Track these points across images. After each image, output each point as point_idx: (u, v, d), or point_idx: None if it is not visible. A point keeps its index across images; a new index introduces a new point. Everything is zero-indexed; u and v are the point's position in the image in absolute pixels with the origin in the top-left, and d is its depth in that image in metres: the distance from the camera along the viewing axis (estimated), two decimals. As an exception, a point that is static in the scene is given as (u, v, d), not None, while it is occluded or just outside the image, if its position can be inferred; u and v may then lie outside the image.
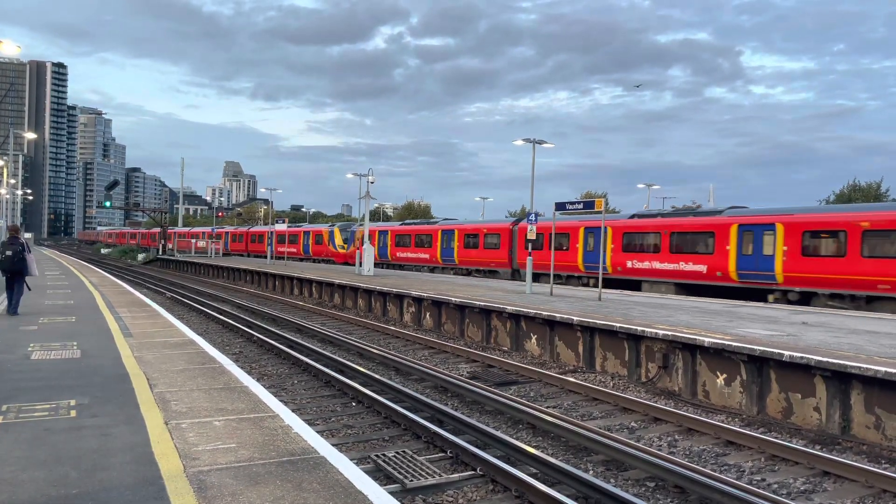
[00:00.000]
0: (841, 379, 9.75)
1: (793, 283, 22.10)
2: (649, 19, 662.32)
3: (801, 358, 10.09)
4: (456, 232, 38.17)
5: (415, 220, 51.17)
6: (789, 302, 21.83)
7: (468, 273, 37.04)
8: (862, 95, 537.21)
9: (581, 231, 29.46)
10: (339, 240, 50.54)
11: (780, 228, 22.34)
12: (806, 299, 21.64)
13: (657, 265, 26.32)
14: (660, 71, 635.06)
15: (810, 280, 21.62)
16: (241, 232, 72.37)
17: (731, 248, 23.48)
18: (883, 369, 9.12)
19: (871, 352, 10.60)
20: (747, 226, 23.22)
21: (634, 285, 27.02)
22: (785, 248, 22.12)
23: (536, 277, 24.20)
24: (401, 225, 46.08)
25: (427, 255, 40.50)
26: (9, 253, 14.85)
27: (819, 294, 21.42)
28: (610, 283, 26.49)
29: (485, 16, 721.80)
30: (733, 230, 23.61)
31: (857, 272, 20.20)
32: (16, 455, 5.46)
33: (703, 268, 24.44)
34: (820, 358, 9.91)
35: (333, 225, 53.40)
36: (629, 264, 27.53)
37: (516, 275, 33.17)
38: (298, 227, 59.37)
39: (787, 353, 10.34)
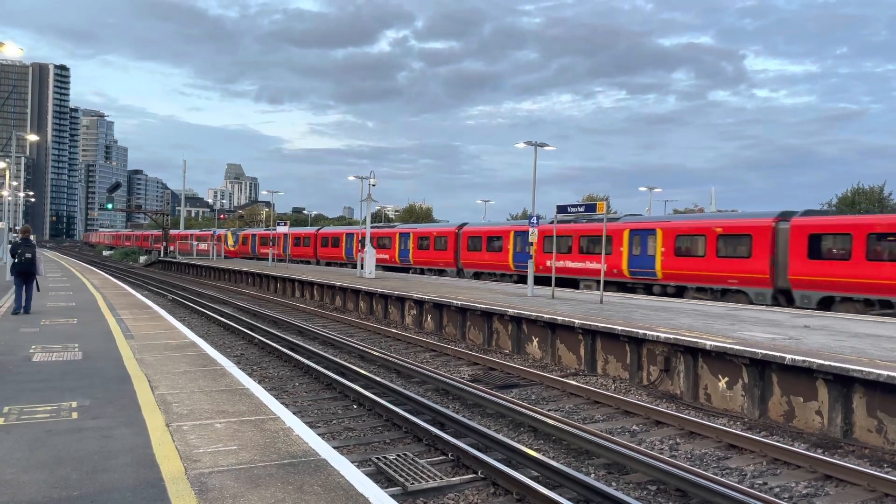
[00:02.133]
0: (843, 382, 9.73)
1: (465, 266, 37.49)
2: (652, 22, 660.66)
3: (803, 361, 10.08)
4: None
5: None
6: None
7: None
8: (864, 98, 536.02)
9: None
10: (230, 241, 66.89)
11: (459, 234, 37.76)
12: (478, 276, 36.28)
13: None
14: (663, 74, 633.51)
15: (473, 265, 36.96)
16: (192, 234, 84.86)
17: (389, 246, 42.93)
18: (885, 373, 9.10)
19: (873, 355, 10.58)
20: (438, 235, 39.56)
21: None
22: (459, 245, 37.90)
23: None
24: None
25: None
26: (28, 255, 15.33)
27: (482, 273, 36.23)
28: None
29: (489, 19, 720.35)
30: (395, 236, 42.66)
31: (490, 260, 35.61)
32: (17, 456, 5.46)
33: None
34: (822, 361, 9.89)
35: (229, 229, 70.88)
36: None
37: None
38: (208, 230, 76.93)
39: (788, 356, 10.33)
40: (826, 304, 20.96)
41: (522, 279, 29.98)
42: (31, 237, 16.07)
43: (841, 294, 20.74)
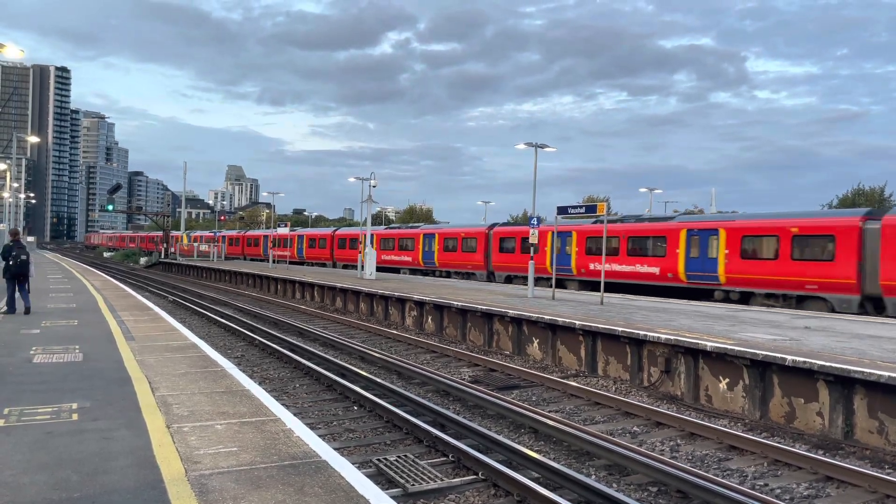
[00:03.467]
0: (844, 384, 9.72)
1: (338, 259, 51.19)
2: (653, 24, 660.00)
3: (804, 362, 10.07)
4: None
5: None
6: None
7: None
8: (865, 100, 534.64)
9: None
10: (185, 241, 76.21)
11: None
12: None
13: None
14: (665, 76, 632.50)
15: (342, 259, 50.04)
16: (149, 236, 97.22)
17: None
18: (886, 374, 9.09)
19: (874, 356, 10.57)
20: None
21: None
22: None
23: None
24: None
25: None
26: (24, 257, 15.54)
27: (347, 265, 48.31)
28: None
29: (491, 21, 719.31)
30: (295, 238, 56.81)
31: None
32: (17, 458, 5.46)
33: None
34: (823, 362, 9.88)
35: (183, 231, 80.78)
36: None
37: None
38: (159, 233, 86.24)
39: (789, 357, 10.32)
40: (509, 280, 32.83)
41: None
42: (22, 239, 16.41)
43: (515, 274, 32.64)
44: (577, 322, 14.74)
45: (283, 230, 48.81)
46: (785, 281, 21.93)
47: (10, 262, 15.26)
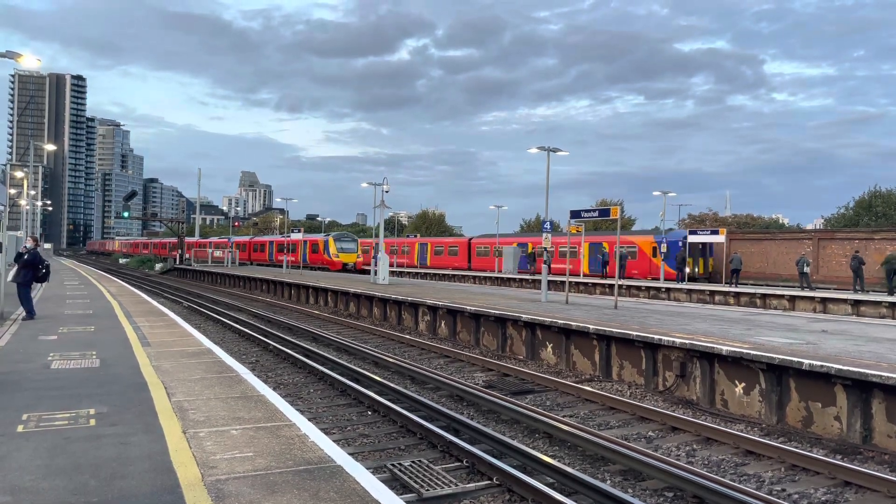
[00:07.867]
0: (862, 388, 9.63)
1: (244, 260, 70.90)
2: (668, 28, 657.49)
3: (822, 366, 9.98)
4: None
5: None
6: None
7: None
8: (883, 101, 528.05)
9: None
10: (117, 244, 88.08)
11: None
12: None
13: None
14: (683, 79, 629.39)
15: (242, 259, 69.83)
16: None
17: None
18: (905, 378, 8.99)
19: (892, 360, 10.46)
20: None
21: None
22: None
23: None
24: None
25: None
26: (48, 263, 16.37)
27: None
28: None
29: (509, 27, 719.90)
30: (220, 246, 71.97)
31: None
32: (36, 463, 5.52)
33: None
34: (840, 366, 9.79)
35: (115, 238, 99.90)
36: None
37: None
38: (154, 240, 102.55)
39: (806, 361, 10.23)
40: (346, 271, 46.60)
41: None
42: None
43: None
44: (590, 326, 14.69)
45: (297, 235, 49.03)
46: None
47: (44, 270, 15.88)
